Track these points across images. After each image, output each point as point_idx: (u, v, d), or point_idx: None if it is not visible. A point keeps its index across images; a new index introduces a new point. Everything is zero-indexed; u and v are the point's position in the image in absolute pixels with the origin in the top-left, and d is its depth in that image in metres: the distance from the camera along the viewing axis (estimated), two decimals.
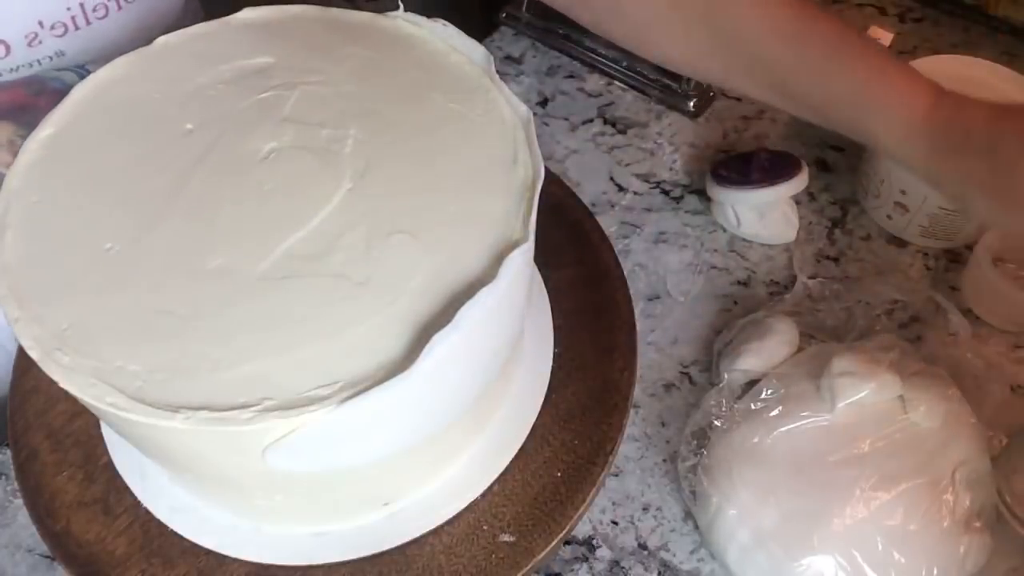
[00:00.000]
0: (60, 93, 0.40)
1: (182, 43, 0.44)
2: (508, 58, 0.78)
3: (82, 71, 0.55)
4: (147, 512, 0.43)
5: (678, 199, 0.69)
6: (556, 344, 0.48)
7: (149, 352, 0.34)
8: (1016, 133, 0.41)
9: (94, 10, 0.51)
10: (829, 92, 0.46)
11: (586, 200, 0.55)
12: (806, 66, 0.46)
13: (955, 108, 0.43)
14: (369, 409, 0.33)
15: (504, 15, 0.80)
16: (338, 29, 0.44)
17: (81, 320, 0.35)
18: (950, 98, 0.44)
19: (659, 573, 0.51)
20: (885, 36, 0.78)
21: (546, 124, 0.73)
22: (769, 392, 0.51)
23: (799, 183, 0.63)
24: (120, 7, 0.52)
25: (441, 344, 0.33)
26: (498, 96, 0.41)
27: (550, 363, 0.48)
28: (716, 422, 0.52)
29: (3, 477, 0.53)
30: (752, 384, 0.54)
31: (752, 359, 0.54)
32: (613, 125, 0.73)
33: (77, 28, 0.51)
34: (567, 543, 0.52)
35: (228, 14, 0.45)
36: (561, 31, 0.77)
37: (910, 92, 0.44)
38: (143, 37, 0.41)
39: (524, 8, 0.78)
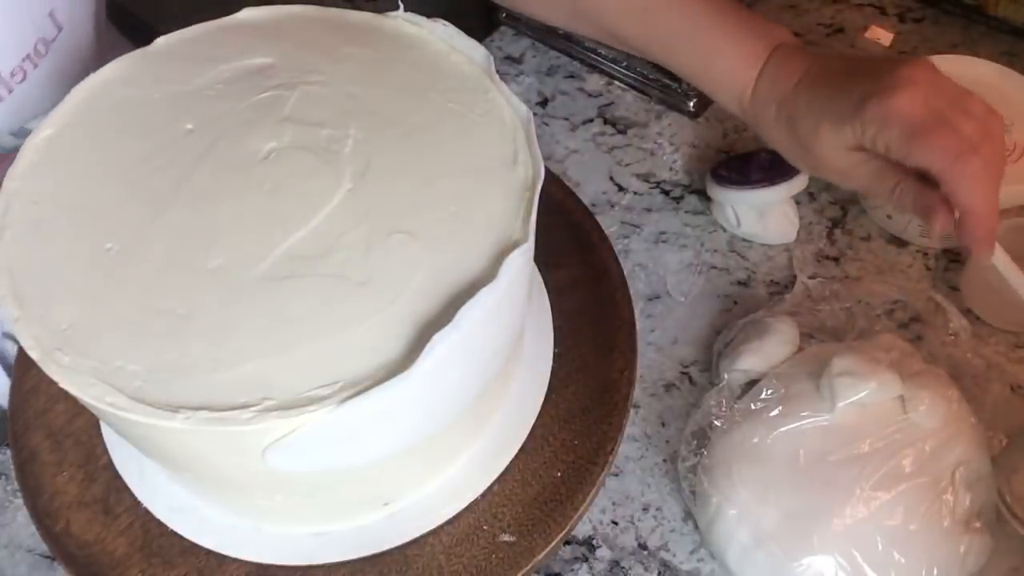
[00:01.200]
0: None
1: (182, 43, 0.44)
2: (508, 58, 0.78)
3: (20, 131, 0.55)
4: (147, 512, 0.43)
5: (678, 199, 0.69)
6: (556, 344, 0.48)
7: (149, 352, 0.34)
8: (803, 112, 0.49)
9: (12, 75, 0.50)
10: (677, 66, 0.55)
11: (586, 200, 0.56)
12: (655, 43, 0.54)
13: (770, 86, 0.51)
14: (369, 409, 0.33)
15: (504, 15, 0.80)
16: (338, 29, 0.44)
17: (81, 320, 0.35)
18: (768, 73, 0.52)
19: (659, 573, 0.51)
20: (885, 36, 0.78)
21: (546, 124, 0.73)
22: (769, 392, 0.51)
23: (799, 183, 0.63)
24: (36, 64, 0.51)
25: (441, 344, 0.33)
26: (498, 96, 0.41)
27: (550, 363, 0.48)
28: (716, 422, 0.52)
29: (3, 477, 0.54)
30: (752, 384, 0.54)
31: (752, 359, 0.54)
32: (613, 125, 0.73)
33: (1, 99, 0.51)
34: (567, 543, 0.52)
35: (225, 14, 0.45)
36: (561, 31, 0.77)
37: (735, 75, 0.52)
38: (68, 84, 0.41)
39: None
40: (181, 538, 0.43)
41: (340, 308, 0.35)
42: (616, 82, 0.76)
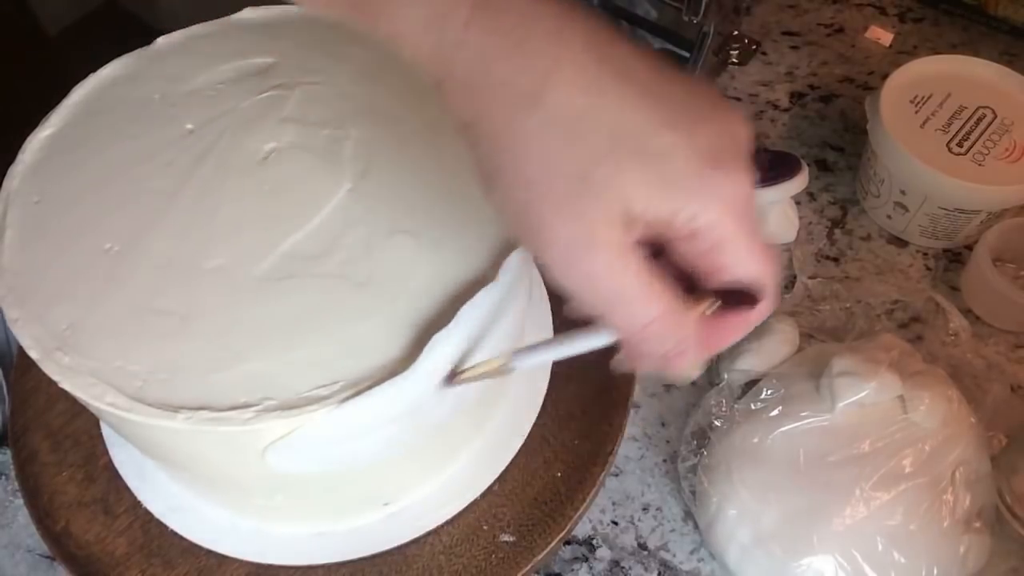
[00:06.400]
0: None
1: (182, 43, 0.44)
2: None
3: None
4: (147, 512, 0.43)
5: None
6: None
7: (149, 352, 0.34)
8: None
9: None
10: None
11: None
12: None
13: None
14: (369, 409, 0.33)
15: None
16: (339, 29, 0.44)
17: (81, 320, 0.35)
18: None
19: (659, 573, 0.51)
20: (885, 36, 0.78)
21: None
22: (769, 392, 0.51)
23: (799, 183, 0.63)
24: None
25: (441, 344, 0.33)
26: None
27: (550, 363, 0.48)
28: (716, 422, 0.52)
29: (3, 477, 0.53)
30: (752, 384, 0.54)
31: (752, 359, 0.54)
32: None
33: None
34: (567, 543, 0.52)
35: (225, 14, 0.45)
36: None
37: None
38: None
39: None
40: (181, 538, 0.43)
41: (340, 308, 0.35)
42: None
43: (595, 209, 0.26)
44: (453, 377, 0.35)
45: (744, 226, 0.27)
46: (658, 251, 0.28)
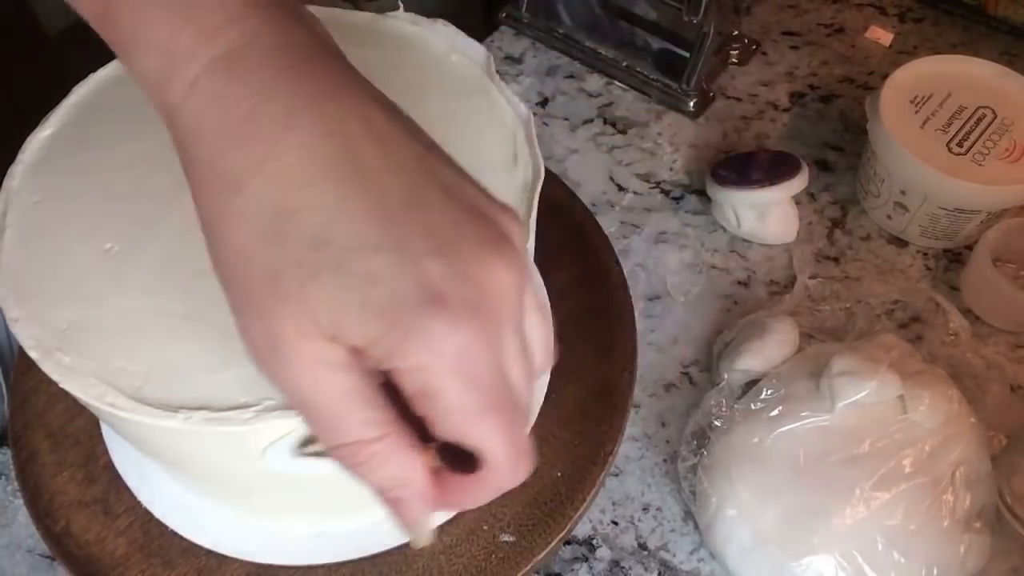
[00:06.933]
0: None
1: None
2: (508, 58, 0.78)
3: None
4: (147, 512, 0.43)
5: (678, 199, 0.69)
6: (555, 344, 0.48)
7: (149, 352, 0.34)
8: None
9: None
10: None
11: (586, 200, 0.55)
12: None
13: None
14: None
15: (504, 15, 0.80)
16: (338, 29, 0.44)
17: (81, 320, 0.35)
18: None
19: (659, 573, 0.51)
20: (885, 36, 0.78)
21: (546, 124, 0.73)
22: (769, 392, 0.51)
23: (799, 183, 0.63)
24: None
25: None
26: (498, 96, 0.41)
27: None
28: (716, 422, 0.52)
29: (3, 477, 0.53)
30: (752, 384, 0.54)
31: (752, 359, 0.54)
32: (613, 125, 0.73)
33: None
34: (567, 543, 0.52)
35: None
36: (561, 31, 0.77)
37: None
38: None
39: (524, 8, 0.78)
40: (181, 538, 0.43)
41: None
42: (616, 82, 0.76)
43: (283, 316, 0.23)
44: (301, 447, 0.33)
45: (463, 383, 0.22)
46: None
